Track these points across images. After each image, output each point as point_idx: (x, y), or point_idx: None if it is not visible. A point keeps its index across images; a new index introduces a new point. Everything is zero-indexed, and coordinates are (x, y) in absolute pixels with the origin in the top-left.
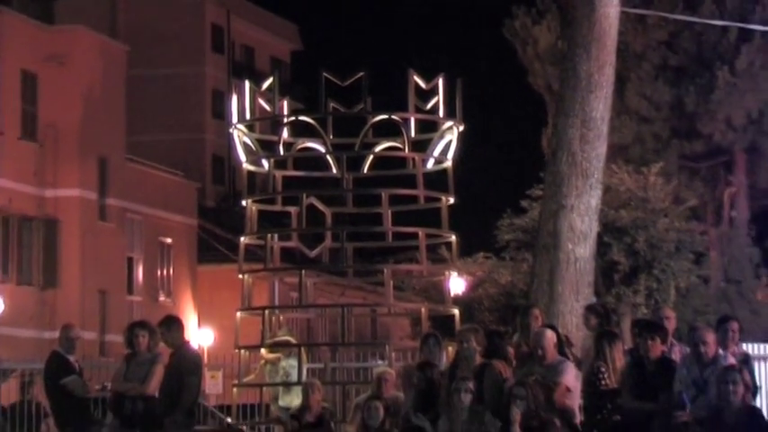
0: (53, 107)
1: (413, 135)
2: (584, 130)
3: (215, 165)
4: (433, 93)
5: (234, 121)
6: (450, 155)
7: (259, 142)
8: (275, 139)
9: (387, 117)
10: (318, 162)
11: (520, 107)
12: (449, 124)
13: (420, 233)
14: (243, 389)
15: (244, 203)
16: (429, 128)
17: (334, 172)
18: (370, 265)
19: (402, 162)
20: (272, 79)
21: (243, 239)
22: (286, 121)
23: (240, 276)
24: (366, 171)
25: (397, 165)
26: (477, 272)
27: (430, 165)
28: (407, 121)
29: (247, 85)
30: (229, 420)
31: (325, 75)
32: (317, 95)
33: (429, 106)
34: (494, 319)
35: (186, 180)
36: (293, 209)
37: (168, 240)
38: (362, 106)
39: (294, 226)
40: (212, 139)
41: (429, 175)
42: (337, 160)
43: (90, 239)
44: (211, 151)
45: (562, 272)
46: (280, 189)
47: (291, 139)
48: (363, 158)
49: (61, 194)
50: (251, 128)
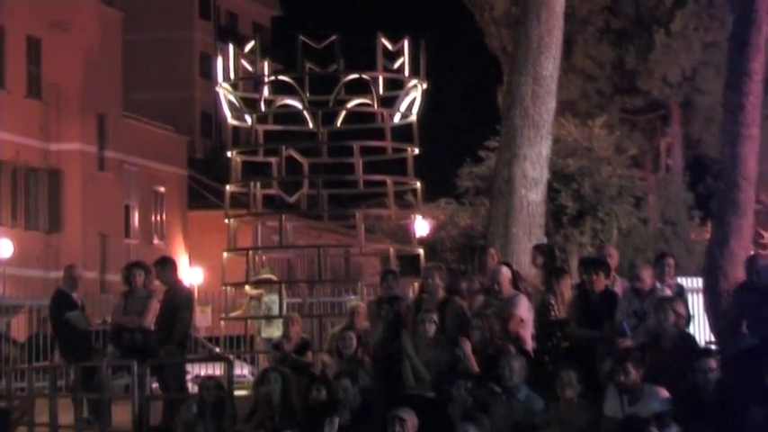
0: (56, 69)
1: (381, 92)
2: (535, 87)
3: (203, 120)
4: (400, 54)
5: (220, 80)
6: (415, 110)
7: (243, 100)
8: (257, 96)
9: (358, 76)
10: (296, 117)
11: (477, 67)
12: (413, 82)
13: (388, 181)
14: (230, 322)
15: (229, 155)
16: (396, 86)
17: (311, 126)
18: (344, 210)
19: (372, 117)
20: (253, 42)
21: (228, 187)
22: (267, 80)
23: (226, 221)
24: (339, 125)
25: (367, 119)
26: (440, 216)
27: (397, 119)
28: (376, 80)
29: (231, 48)
30: (217, 350)
31: (302, 38)
32: (294, 57)
33: (396, 66)
34: (455, 258)
35: (177, 134)
36: (274, 159)
37: (161, 189)
38: (336, 67)
39: (275, 175)
40: (200, 97)
41: (396, 129)
42: (313, 116)
43: (90, 188)
44: (200, 108)
45: (516, 215)
46: (261, 142)
47: (272, 97)
48: (337, 114)
49: (64, 148)
50: (235, 87)
